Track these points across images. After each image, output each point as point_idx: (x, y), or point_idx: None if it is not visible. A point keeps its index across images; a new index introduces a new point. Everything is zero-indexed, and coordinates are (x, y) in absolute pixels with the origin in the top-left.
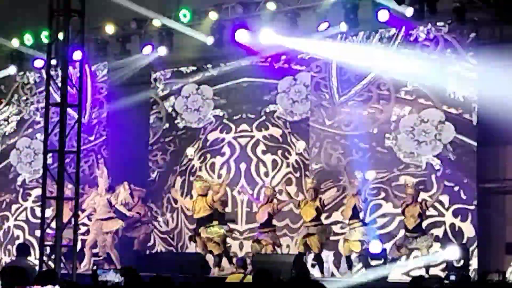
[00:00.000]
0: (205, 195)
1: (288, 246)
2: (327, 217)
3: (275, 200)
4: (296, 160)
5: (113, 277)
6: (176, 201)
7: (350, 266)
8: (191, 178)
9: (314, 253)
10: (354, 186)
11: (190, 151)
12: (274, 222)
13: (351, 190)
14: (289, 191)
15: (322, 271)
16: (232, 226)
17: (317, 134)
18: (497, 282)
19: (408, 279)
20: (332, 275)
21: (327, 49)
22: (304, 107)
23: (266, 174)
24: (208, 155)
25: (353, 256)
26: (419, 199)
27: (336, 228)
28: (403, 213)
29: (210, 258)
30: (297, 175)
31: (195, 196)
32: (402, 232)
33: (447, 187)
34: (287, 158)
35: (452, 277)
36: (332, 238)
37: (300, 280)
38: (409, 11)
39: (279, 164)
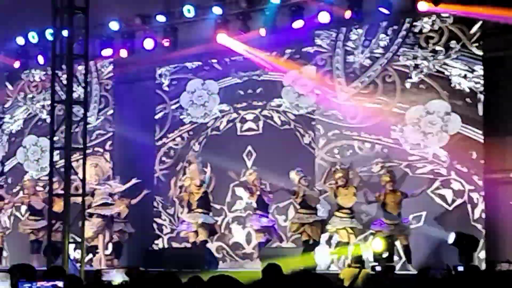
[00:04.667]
0: None
1: None
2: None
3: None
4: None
5: (117, 277)
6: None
7: None
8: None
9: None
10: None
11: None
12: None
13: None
14: None
15: None
16: None
17: (323, 127)
18: (507, 272)
19: None
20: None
21: (331, 42)
22: (310, 100)
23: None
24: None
25: None
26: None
27: None
28: (383, 204)
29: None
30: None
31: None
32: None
33: (454, 179)
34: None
35: (460, 268)
36: None
37: (307, 274)
38: (421, 6)
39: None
